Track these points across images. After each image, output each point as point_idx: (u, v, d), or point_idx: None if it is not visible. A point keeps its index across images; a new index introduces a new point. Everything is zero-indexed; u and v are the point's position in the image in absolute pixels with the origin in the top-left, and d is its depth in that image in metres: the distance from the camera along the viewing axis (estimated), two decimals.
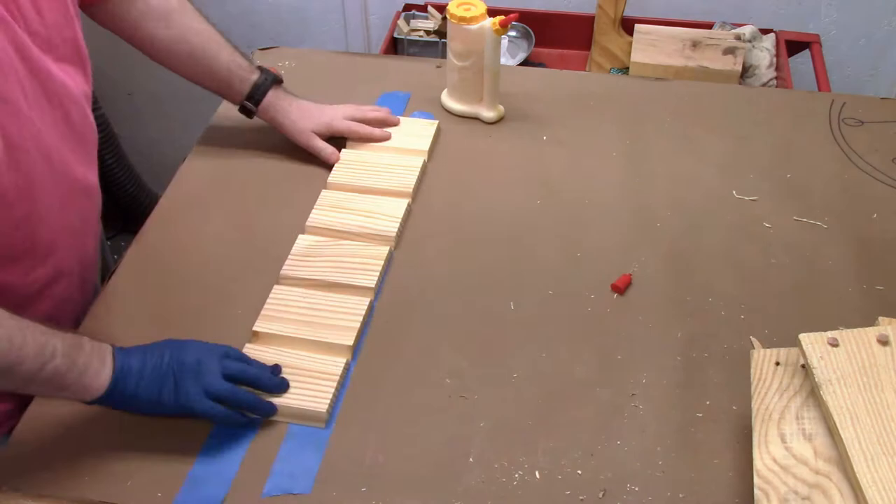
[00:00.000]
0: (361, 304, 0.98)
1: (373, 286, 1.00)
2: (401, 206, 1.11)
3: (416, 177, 1.16)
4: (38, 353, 0.76)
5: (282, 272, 1.02)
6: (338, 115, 1.20)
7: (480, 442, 0.87)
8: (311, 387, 0.89)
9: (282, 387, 0.88)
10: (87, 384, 0.80)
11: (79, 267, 0.99)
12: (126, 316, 1.00)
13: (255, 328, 0.95)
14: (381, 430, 0.88)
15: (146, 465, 0.85)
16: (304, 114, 1.19)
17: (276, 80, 1.18)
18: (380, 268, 1.02)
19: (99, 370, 0.80)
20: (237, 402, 0.84)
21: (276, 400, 0.87)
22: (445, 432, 0.88)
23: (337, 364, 0.92)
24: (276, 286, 1.00)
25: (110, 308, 1.01)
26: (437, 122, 1.26)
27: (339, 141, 1.21)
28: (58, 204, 0.92)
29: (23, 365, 0.75)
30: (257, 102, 1.17)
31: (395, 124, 1.23)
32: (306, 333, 0.95)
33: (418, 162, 1.18)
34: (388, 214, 1.10)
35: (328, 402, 0.88)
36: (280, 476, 0.84)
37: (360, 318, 0.96)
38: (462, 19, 1.18)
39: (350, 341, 0.94)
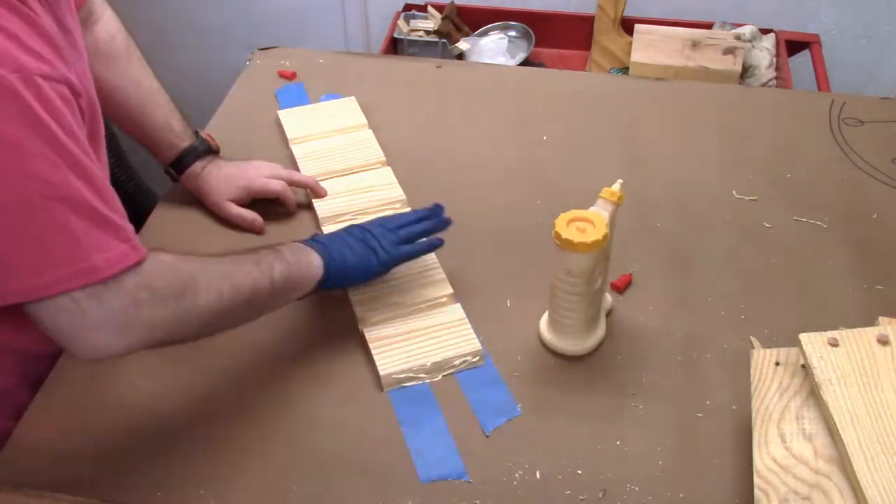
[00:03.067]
0: (431, 259, 1.03)
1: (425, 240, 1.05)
2: (388, 173, 1.17)
3: (379, 148, 1.21)
4: (261, 272, 0.84)
5: None
6: (258, 175, 1.11)
7: (481, 441, 0.87)
8: (452, 336, 0.95)
9: (446, 221, 1.01)
10: (309, 274, 0.89)
11: None
12: None
13: (358, 314, 0.97)
14: None
15: (146, 464, 0.85)
16: (221, 183, 1.10)
17: (208, 151, 1.12)
18: None
19: (310, 259, 0.89)
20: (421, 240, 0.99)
21: (435, 358, 0.92)
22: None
23: (457, 310, 0.98)
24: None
25: None
26: (353, 97, 1.30)
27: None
28: None
29: (258, 286, 0.83)
30: (180, 171, 1.11)
31: (322, 195, 1.13)
32: (409, 299, 0.98)
33: (369, 134, 1.23)
34: (385, 183, 1.14)
35: (476, 339, 0.94)
36: (489, 412, 0.89)
37: (441, 270, 1.02)
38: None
39: (450, 289, 1.00)
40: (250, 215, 1.10)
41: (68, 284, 0.70)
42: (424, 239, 0.99)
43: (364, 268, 0.94)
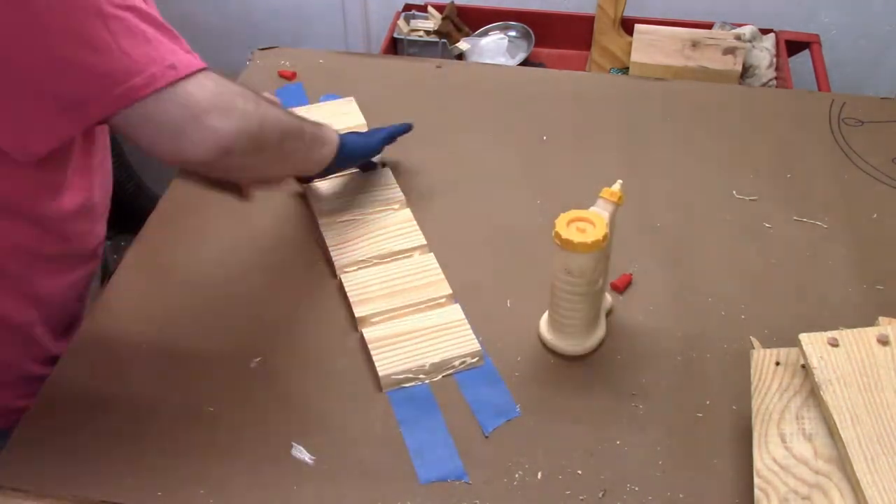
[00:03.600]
0: (430, 259, 1.04)
1: (426, 242, 1.06)
2: (387, 173, 1.17)
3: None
4: (295, 123, 0.91)
5: (336, 262, 1.03)
6: None
7: (481, 442, 0.87)
8: (452, 337, 0.95)
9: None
10: (330, 136, 0.99)
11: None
12: (126, 316, 1.00)
13: (357, 315, 0.97)
14: None
15: (146, 464, 0.85)
16: None
17: None
18: (417, 226, 1.08)
19: (327, 130, 0.99)
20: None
21: (434, 359, 0.92)
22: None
23: (456, 310, 0.98)
24: (342, 274, 1.02)
25: (110, 308, 1.01)
26: (351, 98, 1.30)
27: None
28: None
29: (298, 128, 0.92)
30: None
31: None
32: (408, 299, 0.98)
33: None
34: (384, 183, 1.15)
35: (475, 340, 0.94)
36: (488, 412, 0.89)
37: (440, 270, 1.02)
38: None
39: (449, 290, 1.00)
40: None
41: (160, 83, 0.73)
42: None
43: (365, 146, 1.08)
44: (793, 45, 1.83)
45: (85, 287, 1.03)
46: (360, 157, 1.10)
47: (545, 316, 0.97)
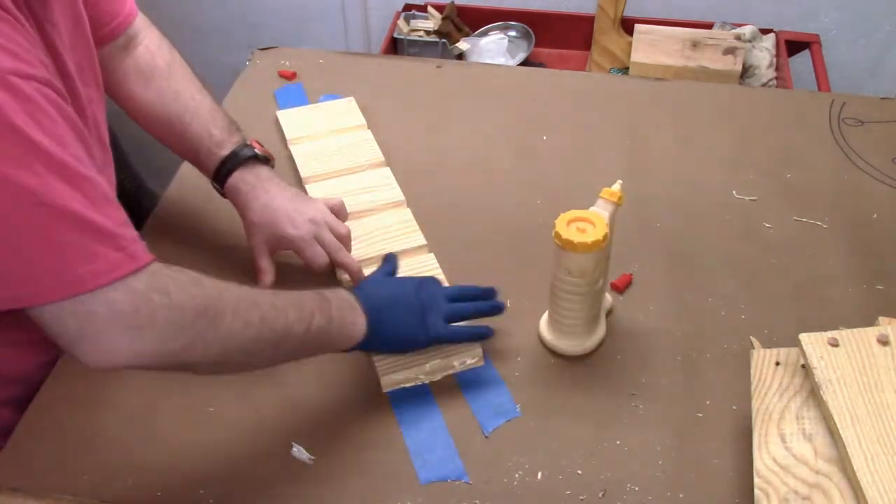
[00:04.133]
0: (430, 259, 1.04)
1: (426, 243, 1.06)
2: (387, 173, 1.17)
3: (378, 148, 1.21)
4: (299, 317, 0.79)
5: None
6: (304, 236, 0.97)
7: (481, 442, 0.87)
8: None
9: (500, 307, 0.94)
10: (350, 335, 0.84)
11: None
12: None
13: None
14: None
15: (146, 464, 0.85)
16: (266, 219, 0.98)
17: (252, 158, 1.00)
18: (417, 226, 1.08)
19: (355, 318, 0.84)
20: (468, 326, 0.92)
21: (434, 359, 0.92)
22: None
23: None
24: (341, 276, 1.02)
25: None
26: (351, 98, 1.30)
27: None
28: None
29: (292, 330, 0.78)
30: (222, 184, 1.00)
31: (358, 281, 0.99)
32: None
33: (368, 135, 1.23)
34: (384, 184, 1.15)
35: (477, 345, 0.94)
36: (488, 412, 0.89)
37: (440, 270, 1.03)
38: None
39: None
40: (268, 277, 0.99)
41: (52, 295, 0.66)
42: (470, 324, 0.92)
43: (408, 343, 0.90)
44: (793, 45, 1.83)
45: None
46: (394, 351, 0.92)
47: (545, 316, 0.97)
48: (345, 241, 1.00)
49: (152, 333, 0.69)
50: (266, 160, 1.02)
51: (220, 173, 1.00)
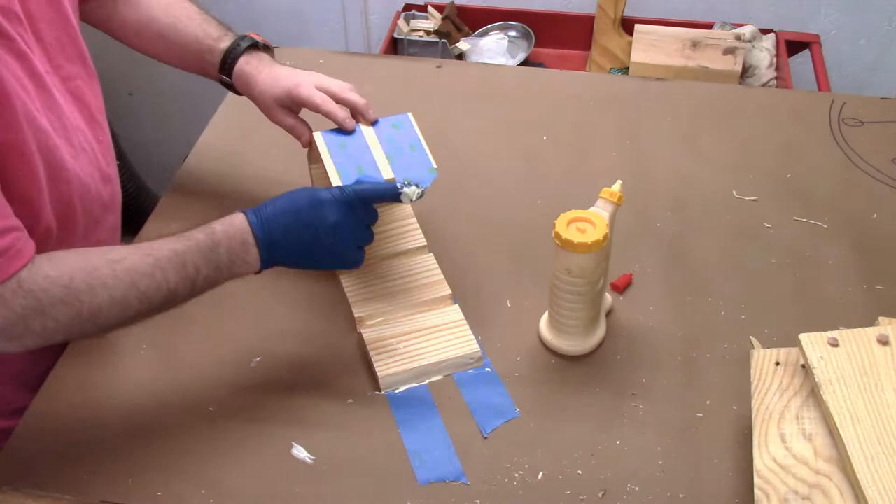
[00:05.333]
0: (429, 259, 1.03)
1: (426, 243, 1.04)
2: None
3: None
4: (183, 276, 0.80)
5: None
6: (304, 82, 0.97)
7: (481, 441, 0.87)
8: (451, 337, 0.94)
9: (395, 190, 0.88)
10: (240, 272, 0.84)
11: None
12: None
13: (356, 315, 0.96)
14: None
15: (146, 464, 0.85)
16: (270, 82, 0.99)
17: (252, 45, 1.02)
18: (417, 226, 1.06)
19: (245, 259, 0.83)
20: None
21: (433, 360, 0.92)
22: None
23: (455, 311, 0.97)
24: (341, 275, 1.02)
25: None
26: (408, 113, 1.26)
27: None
28: (91, 224, 0.95)
29: (176, 294, 0.80)
30: (230, 74, 1.01)
31: (368, 122, 0.99)
32: (408, 300, 0.98)
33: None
34: None
35: (475, 340, 0.94)
36: (487, 413, 0.89)
37: (440, 270, 1.01)
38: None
39: (448, 290, 0.99)
40: (302, 129, 0.99)
41: None
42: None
43: (312, 266, 0.90)
44: (793, 45, 1.83)
45: None
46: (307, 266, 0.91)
47: (545, 316, 0.97)
48: (344, 90, 0.98)
49: (33, 339, 0.75)
50: (267, 48, 1.03)
51: (226, 65, 1.01)
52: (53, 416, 0.89)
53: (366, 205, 0.87)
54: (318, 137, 0.96)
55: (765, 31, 1.84)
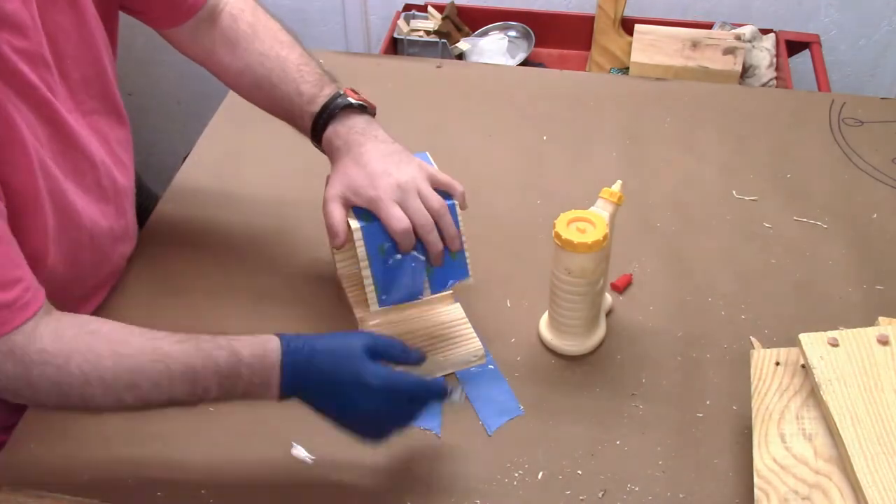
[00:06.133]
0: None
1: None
2: None
3: None
4: (189, 394, 0.75)
5: (337, 262, 1.01)
6: (384, 195, 0.84)
7: (481, 441, 0.87)
8: (453, 336, 0.95)
9: (421, 358, 0.82)
10: (255, 400, 0.77)
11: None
12: (127, 317, 0.99)
13: (357, 315, 0.96)
14: None
15: (146, 464, 0.85)
16: (344, 170, 0.87)
17: (343, 109, 0.91)
18: None
19: (262, 395, 0.76)
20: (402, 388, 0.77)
21: (435, 358, 0.91)
22: (445, 431, 0.88)
23: (457, 309, 0.97)
24: (341, 277, 1.01)
25: (110, 309, 1.01)
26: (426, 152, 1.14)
27: None
28: (99, 259, 0.96)
29: (178, 402, 0.75)
30: (319, 141, 0.93)
31: (455, 248, 0.88)
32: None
33: None
34: None
35: (477, 338, 0.94)
36: (492, 411, 0.89)
37: None
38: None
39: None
40: (339, 239, 0.86)
41: None
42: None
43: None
44: (793, 45, 1.83)
45: None
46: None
47: (545, 316, 0.97)
48: (437, 215, 0.85)
49: (19, 400, 0.76)
50: (363, 108, 0.92)
51: (316, 131, 0.92)
52: (53, 416, 0.89)
53: (411, 402, 0.78)
54: (359, 240, 0.85)
55: (765, 31, 1.84)
